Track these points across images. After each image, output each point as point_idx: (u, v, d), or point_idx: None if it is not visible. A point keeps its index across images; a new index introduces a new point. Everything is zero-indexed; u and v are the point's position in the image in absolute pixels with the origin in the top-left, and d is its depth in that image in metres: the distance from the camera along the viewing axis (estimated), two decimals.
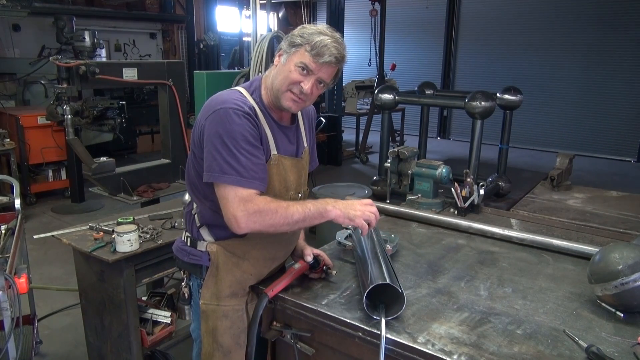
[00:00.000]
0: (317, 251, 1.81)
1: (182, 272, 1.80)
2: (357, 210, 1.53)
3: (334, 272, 1.76)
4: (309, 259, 1.73)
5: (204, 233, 1.67)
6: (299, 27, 1.58)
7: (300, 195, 1.73)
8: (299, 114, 1.75)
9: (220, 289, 1.64)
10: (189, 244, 1.70)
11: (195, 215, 1.68)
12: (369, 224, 1.55)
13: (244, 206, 1.45)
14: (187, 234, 1.72)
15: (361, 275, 1.60)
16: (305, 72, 1.53)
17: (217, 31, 9.64)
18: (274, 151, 1.60)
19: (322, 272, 1.76)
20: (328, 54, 1.50)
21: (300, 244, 1.86)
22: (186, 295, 1.81)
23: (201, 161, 1.55)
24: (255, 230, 1.50)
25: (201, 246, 1.67)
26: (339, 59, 1.53)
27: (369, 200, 1.62)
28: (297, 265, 1.74)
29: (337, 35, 1.55)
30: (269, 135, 1.59)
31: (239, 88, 1.64)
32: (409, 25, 11.23)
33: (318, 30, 1.54)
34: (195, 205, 1.69)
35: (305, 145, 1.78)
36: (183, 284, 1.81)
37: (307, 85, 1.53)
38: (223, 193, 1.49)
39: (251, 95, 1.61)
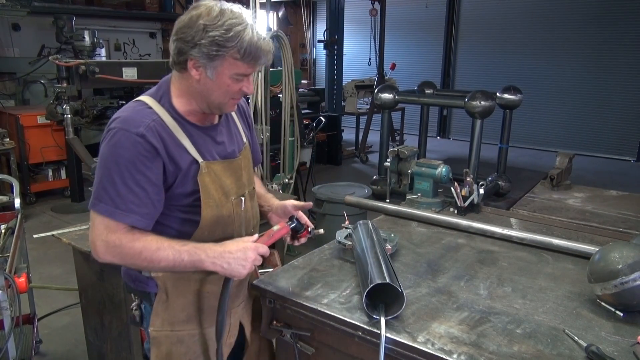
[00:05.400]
0: (297, 210, 1.66)
1: (132, 295, 1.64)
2: (230, 258, 1.39)
3: (321, 231, 1.65)
4: (292, 223, 1.57)
5: None
6: (196, 25, 1.31)
7: (243, 198, 1.57)
8: None
9: (172, 314, 1.51)
10: (133, 268, 1.52)
11: None
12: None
13: (106, 236, 1.34)
14: None
15: (361, 275, 1.60)
16: (242, 77, 1.40)
17: None
18: (199, 159, 1.44)
19: (308, 234, 1.63)
20: (264, 55, 1.38)
21: (277, 203, 1.73)
22: (137, 318, 1.63)
23: None
24: (114, 263, 1.39)
25: (145, 272, 1.50)
26: (273, 54, 1.43)
27: (251, 244, 1.44)
28: (276, 227, 1.55)
29: (250, 21, 1.36)
30: (187, 144, 1.43)
31: (144, 98, 1.44)
32: (409, 24, 11.22)
33: (227, 22, 1.31)
34: None
35: (245, 140, 1.66)
36: (133, 305, 1.63)
37: (249, 87, 1.43)
38: (92, 217, 1.37)
39: (159, 101, 1.43)
